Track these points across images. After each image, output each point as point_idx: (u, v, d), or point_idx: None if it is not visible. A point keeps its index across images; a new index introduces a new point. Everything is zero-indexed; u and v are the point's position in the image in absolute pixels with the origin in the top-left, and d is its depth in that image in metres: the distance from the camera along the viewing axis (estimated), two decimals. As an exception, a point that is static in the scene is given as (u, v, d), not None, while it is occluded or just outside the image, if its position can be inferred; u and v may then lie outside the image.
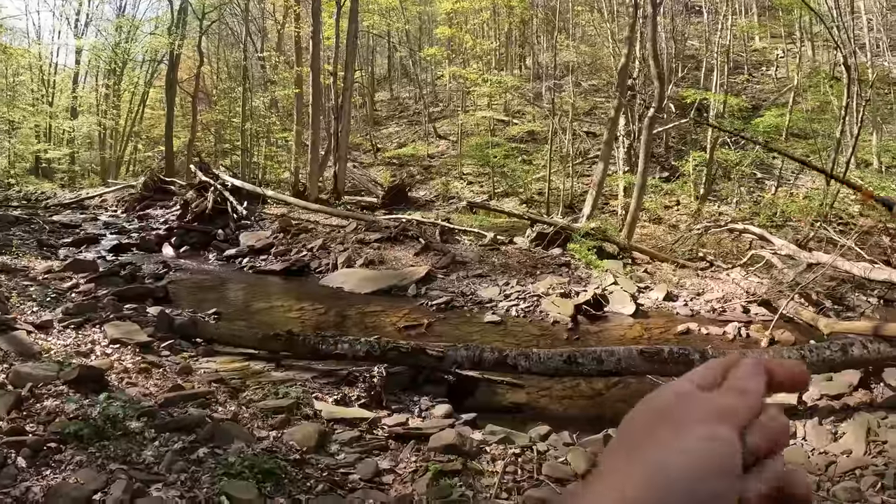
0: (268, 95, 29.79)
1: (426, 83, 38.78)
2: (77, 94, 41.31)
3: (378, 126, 37.01)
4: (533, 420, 6.56)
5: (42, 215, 20.86)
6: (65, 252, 15.18)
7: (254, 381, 6.57)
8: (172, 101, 30.22)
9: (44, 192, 29.52)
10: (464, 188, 27.52)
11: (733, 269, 13.56)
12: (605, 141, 19.49)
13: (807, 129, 21.81)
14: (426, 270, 13.27)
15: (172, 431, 4.71)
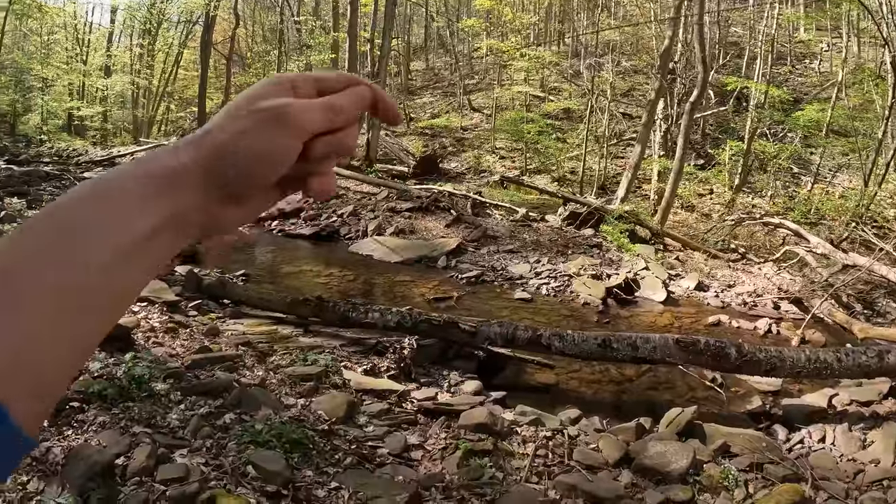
0: (303, 60, 29.47)
1: (462, 55, 38.22)
2: (111, 53, 41.20)
3: (412, 95, 36.58)
4: (562, 402, 6.41)
5: (73, 172, 20.83)
6: (94, 209, 15.07)
7: (281, 345, 6.41)
8: (207, 62, 30.00)
9: (75, 149, 29.50)
10: (496, 162, 27.14)
11: (765, 264, 13.26)
12: (644, 123, 19.03)
13: (847, 126, 21.07)
14: (457, 243, 13.03)
15: (199, 395, 4.55)
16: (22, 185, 16.53)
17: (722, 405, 6.63)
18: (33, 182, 17.39)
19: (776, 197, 20.62)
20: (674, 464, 4.75)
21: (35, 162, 23.20)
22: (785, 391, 6.97)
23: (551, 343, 6.73)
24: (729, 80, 22.12)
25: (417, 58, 43.43)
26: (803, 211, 17.79)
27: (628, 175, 18.15)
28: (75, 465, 3.46)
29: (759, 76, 23.58)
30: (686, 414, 5.64)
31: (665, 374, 7.17)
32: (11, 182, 16.64)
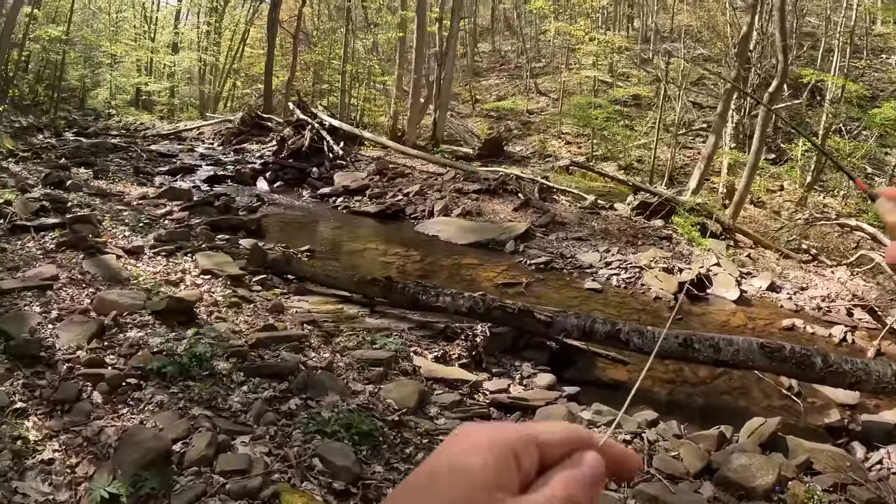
0: (370, 38, 29.22)
1: (529, 37, 37.51)
2: (178, 31, 41.75)
3: (478, 77, 36.11)
4: (636, 402, 5.98)
5: (140, 144, 21.00)
6: (160, 180, 15.13)
7: (348, 326, 6.07)
8: (273, 39, 29.97)
9: (142, 123, 29.92)
10: (561, 147, 26.57)
11: (838, 267, 12.53)
12: (719, 113, 18.22)
13: None
14: (525, 227, 12.57)
15: (263, 377, 4.23)
16: (90, 155, 16.65)
17: (799, 416, 6.21)
18: (100, 153, 17.51)
19: (848, 197, 19.59)
20: (759, 479, 4.39)
21: (103, 134, 23.51)
22: (862, 406, 6.50)
23: (630, 339, 6.30)
24: (805, 73, 21.00)
25: (483, 39, 42.87)
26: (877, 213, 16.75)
27: (701, 166, 17.44)
28: (129, 450, 3.15)
29: (835, 69, 22.37)
30: (769, 425, 5.22)
31: (739, 378, 6.77)
32: (79, 153, 16.77)
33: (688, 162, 23.58)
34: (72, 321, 4.80)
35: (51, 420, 3.61)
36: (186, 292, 6.04)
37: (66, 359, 4.25)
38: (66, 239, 7.27)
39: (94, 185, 12.25)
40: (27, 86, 26.46)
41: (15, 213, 8.14)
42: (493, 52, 41.53)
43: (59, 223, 8.07)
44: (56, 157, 15.08)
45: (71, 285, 5.94)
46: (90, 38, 35.12)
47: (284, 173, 17.19)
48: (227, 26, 41.15)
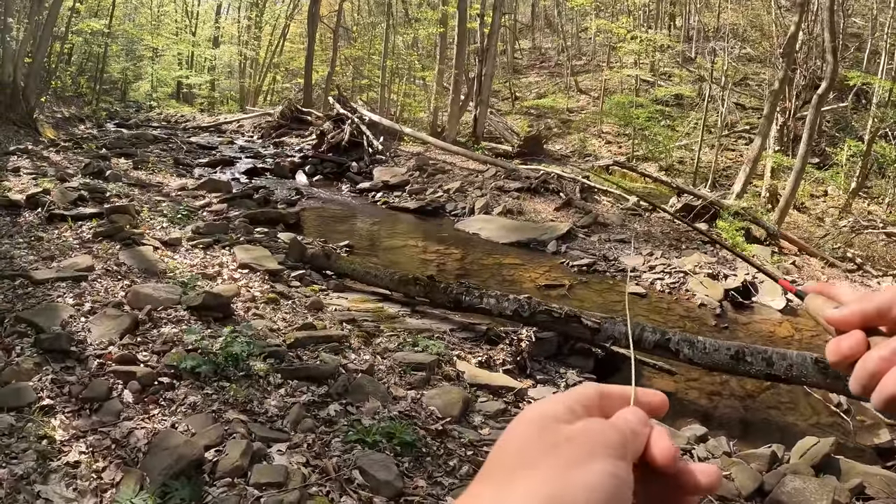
0: (410, 34, 29.07)
1: (570, 35, 37.05)
2: (219, 25, 42.07)
3: (518, 74, 35.79)
4: (682, 415, 5.82)
5: (180, 136, 21.06)
6: (200, 171, 15.09)
7: (388, 326, 5.85)
8: (314, 33, 29.92)
9: (183, 115, 30.14)
10: (601, 147, 26.19)
11: (884, 278, 12.09)
12: (766, 115, 17.67)
13: None
14: (568, 228, 12.26)
15: (301, 380, 4.00)
16: (130, 146, 16.69)
17: (848, 435, 5.89)
18: (141, 144, 17.55)
19: (893, 205, 18.92)
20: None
21: (144, 126, 23.65)
22: None
23: (680, 349, 5.99)
24: (851, 75, 20.32)
25: (524, 37, 42.52)
26: None
27: (746, 169, 16.95)
28: (158, 457, 2.94)
29: (882, 72, 21.62)
30: (823, 446, 4.91)
31: (787, 392, 6.47)
32: (120, 144, 16.82)
33: (730, 164, 23.06)
34: (105, 315, 4.63)
35: (78, 419, 3.43)
36: (223, 287, 5.85)
37: (97, 354, 4.08)
38: (104, 229, 7.16)
39: (133, 176, 12.22)
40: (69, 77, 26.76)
41: (53, 202, 8.07)
42: (534, 50, 41.17)
43: (97, 213, 7.98)
44: (97, 148, 15.13)
45: (106, 276, 5.80)
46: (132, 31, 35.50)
47: (324, 167, 17.08)
48: (267, 21, 41.38)
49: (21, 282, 5.33)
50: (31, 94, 16.03)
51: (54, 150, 13.85)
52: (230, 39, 42.51)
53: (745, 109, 26.15)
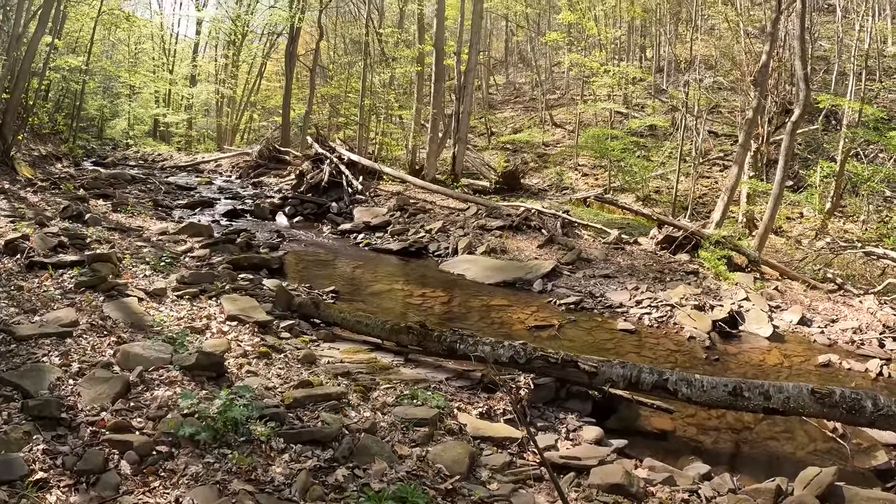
0: (388, 72, 29.25)
1: (544, 69, 37.52)
2: (196, 63, 42.14)
3: (493, 110, 36.12)
4: (682, 452, 5.82)
5: (158, 176, 20.92)
6: (179, 213, 14.97)
7: (383, 378, 5.74)
8: (291, 72, 30.02)
9: (160, 154, 30.04)
10: (578, 179, 26.38)
11: (866, 296, 12.16)
12: (741, 143, 17.96)
13: None
14: (552, 265, 12.25)
15: (305, 444, 3.88)
16: (108, 187, 16.53)
17: (846, 459, 5.91)
18: (119, 185, 17.39)
19: (868, 222, 19.25)
20: (820, 537, 4.07)
21: (121, 165, 23.53)
22: None
23: (678, 388, 5.96)
24: (821, 98, 20.75)
25: (498, 72, 43.00)
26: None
27: (724, 198, 17.15)
28: (165, 538, 2.82)
29: (851, 93, 22.16)
30: (826, 475, 4.91)
31: (783, 422, 6.43)
32: (97, 184, 16.64)
33: (706, 192, 23.34)
34: (94, 377, 4.48)
35: (75, 494, 3.28)
36: (213, 341, 5.73)
37: (89, 421, 3.93)
38: (86, 279, 7.00)
39: (112, 219, 12.07)
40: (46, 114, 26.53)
41: (33, 249, 7.90)
42: (508, 85, 41.63)
43: (78, 261, 7.79)
44: (74, 188, 14.97)
45: (91, 332, 5.65)
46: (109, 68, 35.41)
47: (304, 208, 17.00)
48: (244, 59, 41.52)
49: (4, 337, 5.18)
50: (9, 132, 15.83)
51: (31, 190, 13.67)
52: (207, 78, 42.57)
53: (718, 136, 26.56)
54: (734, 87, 26.93)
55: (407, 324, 6.83)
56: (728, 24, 27.49)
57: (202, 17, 40.83)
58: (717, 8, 28.91)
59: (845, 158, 19.00)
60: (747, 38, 24.45)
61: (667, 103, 28.80)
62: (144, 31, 39.64)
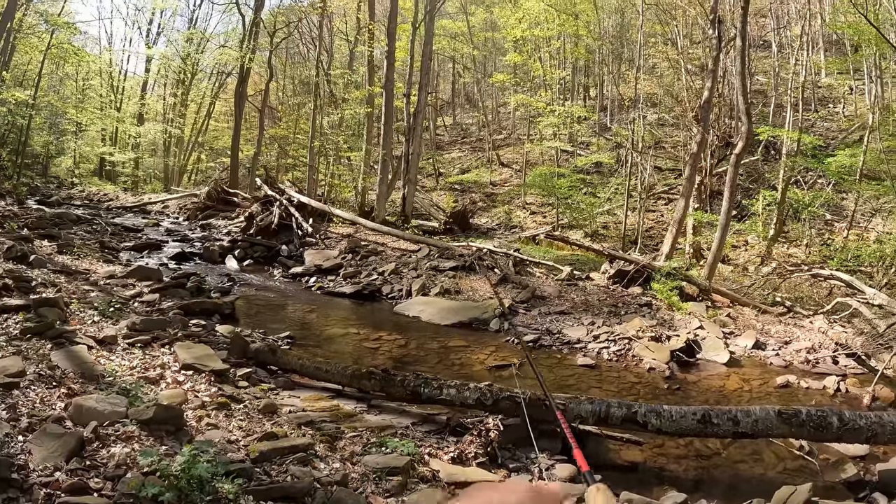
0: (337, 114, 29.28)
1: (490, 110, 38.04)
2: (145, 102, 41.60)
3: (440, 150, 36.42)
4: (655, 482, 5.84)
5: (104, 216, 20.44)
6: (127, 256, 14.59)
7: (348, 426, 5.58)
8: (241, 113, 29.83)
9: (106, 194, 29.44)
10: (526, 218, 26.69)
11: (815, 316, 12.55)
12: (686, 177, 18.49)
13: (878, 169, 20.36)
14: (508, 304, 12.22)
15: (277, 501, 3.71)
16: (53, 227, 16.06)
17: (816, 475, 6.04)
18: (64, 225, 16.92)
19: (811, 245, 19.90)
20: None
21: (66, 204, 22.96)
22: (872, 455, 6.40)
23: (648, 420, 6.01)
24: (760, 130, 21.49)
25: (445, 113, 43.44)
26: (842, 258, 17.01)
27: (672, 230, 17.58)
28: None
29: (789, 124, 23.06)
30: (801, 493, 4.98)
31: (749, 443, 6.53)
32: (42, 223, 16.15)
33: (653, 225, 23.80)
34: (45, 432, 4.23)
35: (30, 566, 3.07)
36: (169, 392, 5.50)
37: (42, 482, 3.69)
38: (32, 325, 6.68)
39: (58, 261, 11.67)
40: (-10, 150, 25.92)
41: (-25, 293, 7.57)
42: (455, 126, 42.09)
43: (24, 305, 7.44)
44: (18, 227, 14.49)
45: (40, 383, 5.36)
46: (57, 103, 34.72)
47: (254, 251, 16.72)
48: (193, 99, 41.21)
49: (-54, 390, 4.89)
50: (-48, 167, 15.35)
51: (-27, 230, 13.20)
52: (155, 116, 42.10)
53: (662, 171, 27.22)
54: (677, 123, 27.72)
55: (369, 369, 6.69)
56: (669, 63, 28.36)
57: (152, 54, 40.52)
58: (658, 48, 29.78)
59: (786, 186, 19.65)
60: (688, 76, 25.24)
61: (611, 140, 29.46)
62: (93, 66, 39.22)
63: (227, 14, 38.75)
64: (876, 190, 20.00)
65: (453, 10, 38.61)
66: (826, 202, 20.86)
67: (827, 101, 29.93)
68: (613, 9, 35.78)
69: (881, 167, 19.78)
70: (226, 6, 37.08)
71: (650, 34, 30.01)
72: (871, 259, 16.60)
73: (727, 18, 20.50)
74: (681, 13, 26.62)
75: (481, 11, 39.53)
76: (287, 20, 31.97)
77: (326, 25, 31.63)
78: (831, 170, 19.74)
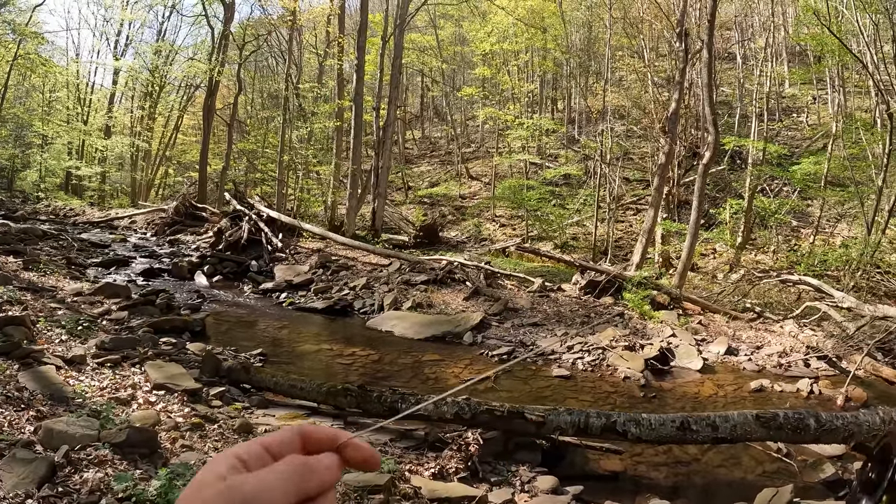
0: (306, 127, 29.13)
1: (459, 123, 38.14)
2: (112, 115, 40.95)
3: (409, 164, 36.39)
4: (637, 491, 5.94)
5: (71, 232, 20.09)
6: (94, 272, 14.33)
7: (325, 444, 5.51)
8: (209, 126, 29.49)
9: (72, 209, 28.91)
10: (496, 230, 26.71)
11: (785, 321, 12.77)
12: (655, 187, 18.68)
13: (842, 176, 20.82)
14: (480, 317, 12.23)
15: (255, 524, 3.64)
16: (18, 242, 15.72)
17: (795, 476, 6.15)
18: (30, 241, 16.57)
19: (778, 252, 20.21)
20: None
21: (32, 219, 22.54)
22: (849, 455, 6.51)
23: (627, 429, 6.07)
24: (726, 140, 21.83)
25: (414, 127, 43.45)
26: (809, 263, 17.31)
27: (642, 240, 17.77)
28: None
29: (754, 134, 23.48)
30: (783, 495, 5.10)
31: (727, 448, 6.63)
32: (7, 239, 15.81)
33: (622, 235, 23.99)
34: (14, 458, 4.11)
35: None
36: (141, 413, 5.39)
37: (13, 511, 3.60)
38: (-2, 345, 6.54)
39: (24, 278, 11.42)
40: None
41: (-64, 311, 7.36)
42: (424, 139, 42.10)
43: (-11, 324, 7.28)
44: (-18, 243, 14.17)
45: (8, 405, 5.22)
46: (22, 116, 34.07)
47: (223, 267, 16.53)
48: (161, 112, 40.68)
49: None
50: None
51: (-65, 245, 12.86)
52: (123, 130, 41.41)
53: (630, 182, 27.44)
54: (644, 135, 28.02)
55: (345, 385, 6.63)
56: (637, 76, 28.70)
57: (119, 66, 39.90)
58: (626, 60, 30.14)
59: (753, 194, 19.93)
60: (655, 88, 25.57)
61: (580, 152, 29.65)
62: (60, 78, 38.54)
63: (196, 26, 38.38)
64: (840, 196, 20.41)
65: (422, 23, 38.68)
66: (792, 209, 21.24)
67: (791, 111, 30.52)
68: (581, 23, 36.13)
69: (845, 174, 20.20)
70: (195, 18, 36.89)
71: (617, 47, 30.34)
72: (838, 263, 16.93)
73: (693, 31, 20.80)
74: (647, 26, 26.99)
75: (450, 25, 39.68)
76: (256, 33, 31.74)
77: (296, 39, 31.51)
78: (796, 177, 20.12)
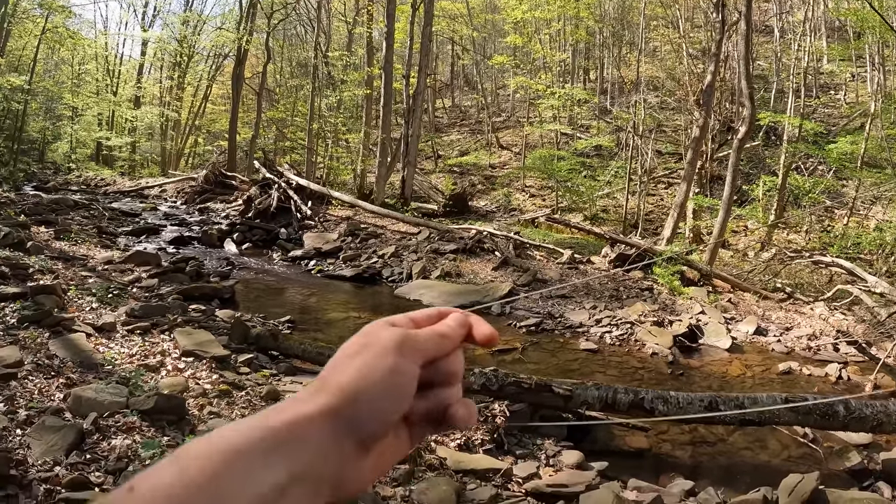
0: (336, 95, 29.02)
1: (490, 92, 37.73)
2: (141, 85, 41.15)
3: (439, 133, 36.13)
4: (662, 469, 5.87)
5: (101, 201, 20.31)
6: (124, 241, 14.49)
7: (352, 413, 5.49)
8: (238, 95, 29.55)
9: (103, 179, 29.20)
10: (526, 200, 26.47)
11: (816, 303, 12.45)
12: (689, 161, 18.27)
13: (878, 157, 20.24)
14: (509, 287, 12.17)
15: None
16: (50, 213, 16.00)
17: (820, 463, 6.05)
18: (61, 211, 16.81)
19: (811, 232, 19.80)
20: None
21: (63, 190, 22.82)
22: (875, 444, 6.36)
23: (655, 406, 5.99)
24: (761, 115, 21.30)
25: (444, 95, 43.11)
26: (842, 245, 16.91)
27: (674, 214, 17.41)
28: None
29: (790, 110, 22.87)
30: (808, 482, 4.95)
31: (753, 430, 6.48)
32: (39, 210, 16.08)
33: (653, 209, 23.65)
34: (44, 425, 4.14)
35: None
36: (170, 380, 5.42)
37: (42, 478, 3.60)
38: (29, 313, 6.58)
39: (55, 247, 11.56)
40: (-15, 136, 25.71)
41: (-30, 279, 7.46)
42: (454, 108, 41.74)
43: (21, 293, 7.34)
44: (15, 214, 14.38)
45: (38, 373, 5.28)
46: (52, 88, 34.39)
47: (252, 234, 16.60)
48: (189, 82, 40.78)
49: (-58, 382, 4.79)
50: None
51: (-30, 216, 13.08)
52: (152, 100, 41.62)
53: (662, 155, 26.98)
54: (678, 107, 27.48)
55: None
56: (672, 46, 28.10)
57: (147, 37, 40.03)
58: (660, 31, 29.50)
59: (787, 172, 19.48)
60: (690, 60, 25.01)
61: (612, 124, 29.21)
62: (88, 50, 38.81)
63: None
64: (876, 178, 19.87)
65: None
66: (826, 189, 20.71)
67: (828, 88, 29.71)
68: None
69: (882, 155, 19.68)
70: (222, -13, 36.74)
71: (652, 17, 29.71)
72: (871, 247, 16.50)
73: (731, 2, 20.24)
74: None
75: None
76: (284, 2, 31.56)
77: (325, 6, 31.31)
78: (832, 157, 19.59)
